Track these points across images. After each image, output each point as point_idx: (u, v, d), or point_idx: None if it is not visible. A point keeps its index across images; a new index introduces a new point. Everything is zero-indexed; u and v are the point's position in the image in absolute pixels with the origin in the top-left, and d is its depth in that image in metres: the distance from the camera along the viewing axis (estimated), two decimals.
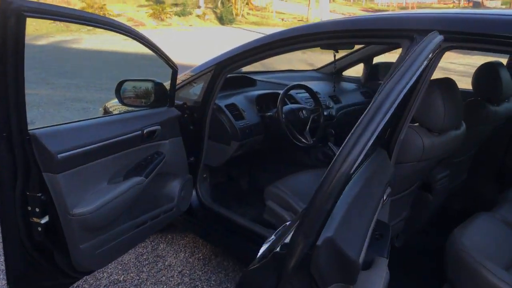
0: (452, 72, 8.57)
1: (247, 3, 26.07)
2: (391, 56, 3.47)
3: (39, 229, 1.59)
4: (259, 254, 1.02)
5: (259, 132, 2.63)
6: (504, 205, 2.19)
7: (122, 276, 2.49)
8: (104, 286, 2.39)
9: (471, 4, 37.97)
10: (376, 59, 3.47)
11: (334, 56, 2.98)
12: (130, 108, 2.31)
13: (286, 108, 2.64)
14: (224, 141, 2.51)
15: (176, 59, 2.37)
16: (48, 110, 6.11)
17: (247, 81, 2.94)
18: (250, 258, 2.24)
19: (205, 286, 2.42)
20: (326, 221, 0.84)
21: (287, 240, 0.89)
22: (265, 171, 3.10)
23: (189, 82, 2.48)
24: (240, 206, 2.83)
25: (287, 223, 1.11)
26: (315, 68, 3.66)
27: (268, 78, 3.21)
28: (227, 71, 2.35)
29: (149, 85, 2.29)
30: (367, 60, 3.39)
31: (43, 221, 1.58)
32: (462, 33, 1.55)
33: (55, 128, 1.61)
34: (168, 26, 21.64)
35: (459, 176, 2.63)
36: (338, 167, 0.80)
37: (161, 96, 2.25)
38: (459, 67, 9.72)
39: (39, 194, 1.55)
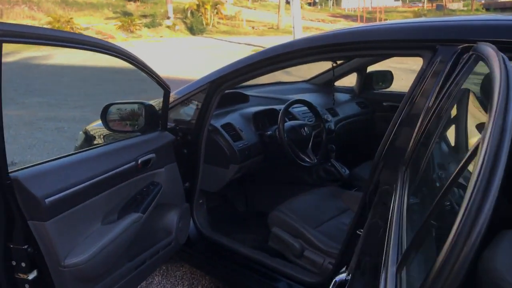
0: None
1: (217, 13, 25.92)
2: (384, 65, 3.37)
3: (27, 286, 1.36)
4: None
5: (258, 153, 2.45)
6: None
7: None
8: None
9: (434, 7, 39.01)
10: (370, 68, 3.35)
11: (333, 66, 2.84)
12: (117, 133, 2.12)
13: (286, 125, 2.48)
14: (222, 164, 2.32)
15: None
16: (19, 132, 5.77)
17: (240, 97, 2.76)
18: None
19: None
20: None
21: None
22: (262, 192, 2.92)
23: (181, 102, 2.28)
24: (239, 232, 2.64)
25: None
26: (305, 79, 3.51)
27: (259, 93, 3.04)
28: (222, 89, 2.17)
29: (138, 107, 2.09)
30: (360, 69, 3.27)
31: (30, 276, 1.36)
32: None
33: (39, 168, 1.39)
34: (138, 38, 21.27)
35: None
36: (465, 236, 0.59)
37: (152, 119, 2.05)
38: None
39: (25, 246, 1.33)
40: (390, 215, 1.11)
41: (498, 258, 1.69)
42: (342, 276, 1.07)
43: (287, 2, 31.34)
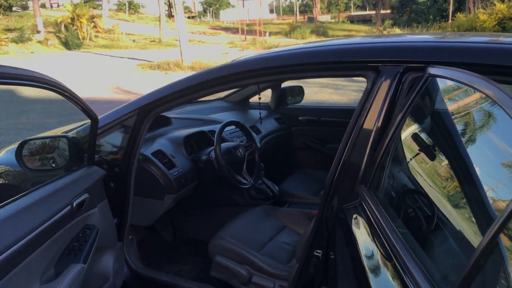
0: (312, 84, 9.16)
1: (94, 26, 24.62)
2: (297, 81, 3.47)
3: None
4: None
5: (193, 179, 2.34)
6: None
7: None
8: None
9: (306, 19, 41.79)
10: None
11: (258, 87, 2.83)
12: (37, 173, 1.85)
13: (222, 148, 2.39)
14: (156, 195, 2.17)
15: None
16: None
17: (162, 120, 2.61)
18: None
19: None
20: None
21: None
22: (190, 218, 2.79)
23: (104, 132, 2.08)
24: (172, 263, 2.50)
25: None
26: (220, 97, 3.46)
27: (178, 114, 2.92)
28: (152, 116, 2.03)
29: (60, 140, 1.86)
30: (275, 85, 3.32)
31: None
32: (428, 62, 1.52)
33: None
34: (5, 55, 19.28)
35: None
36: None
37: (77, 153, 1.83)
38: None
39: None
40: (385, 241, 1.11)
41: None
42: None
43: (168, 15, 31.02)
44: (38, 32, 23.63)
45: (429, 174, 1.36)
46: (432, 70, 1.31)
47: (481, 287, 0.78)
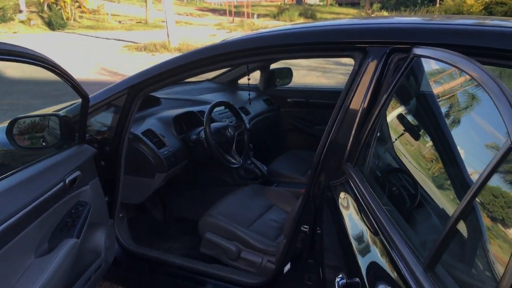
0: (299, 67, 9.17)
1: (78, 6, 24.11)
2: (286, 62, 3.50)
3: None
4: None
5: (183, 158, 2.37)
6: None
7: None
8: None
9: (294, 1, 41.43)
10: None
11: (247, 67, 2.85)
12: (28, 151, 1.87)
13: (212, 128, 2.42)
14: (147, 174, 2.19)
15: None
16: None
17: (152, 100, 2.63)
18: None
19: None
20: None
21: None
22: (180, 198, 2.83)
23: (95, 111, 2.09)
24: (163, 241, 2.54)
25: None
26: (208, 78, 3.47)
27: (167, 94, 2.93)
28: (142, 95, 2.04)
29: (51, 119, 1.87)
30: (264, 67, 3.34)
31: None
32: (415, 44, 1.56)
33: None
34: None
35: None
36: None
37: (68, 132, 1.85)
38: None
39: None
40: (370, 214, 1.16)
41: None
42: (342, 280, 1.08)
43: None
44: (21, 11, 23.06)
45: (412, 153, 1.41)
46: (417, 51, 1.36)
47: (453, 254, 0.84)
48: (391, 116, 1.52)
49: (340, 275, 1.10)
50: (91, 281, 1.79)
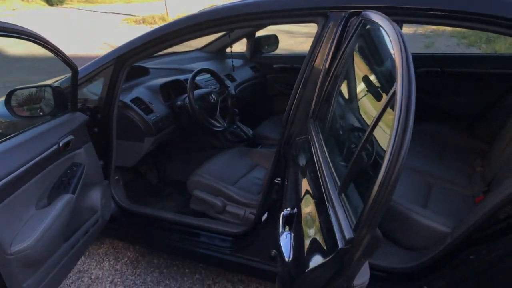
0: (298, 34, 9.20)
1: None
2: (270, 29, 3.63)
3: None
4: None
5: (170, 123, 2.55)
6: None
7: None
8: None
9: None
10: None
11: (229, 36, 2.98)
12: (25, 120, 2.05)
13: (196, 94, 2.59)
14: (136, 138, 2.38)
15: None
16: None
17: (140, 70, 2.79)
18: (184, 250, 2.21)
19: None
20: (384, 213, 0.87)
21: (349, 235, 0.92)
22: (172, 162, 3.03)
23: (86, 81, 2.26)
24: (157, 202, 2.75)
25: None
26: (197, 48, 3.61)
27: (156, 64, 3.09)
28: (128, 64, 2.20)
29: (45, 90, 2.04)
30: (250, 35, 3.47)
31: None
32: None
33: None
34: None
35: None
36: (394, 164, 0.83)
37: (61, 101, 2.02)
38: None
39: None
40: (315, 158, 1.35)
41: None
42: (286, 211, 1.28)
43: None
44: None
45: (360, 106, 1.57)
46: (365, 14, 1.50)
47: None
48: (344, 74, 1.67)
49: (287, 209, 1.30)
50: (89, 234, 2.01)
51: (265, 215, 2.02)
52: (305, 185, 1.39)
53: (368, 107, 1.27)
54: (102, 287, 2.37)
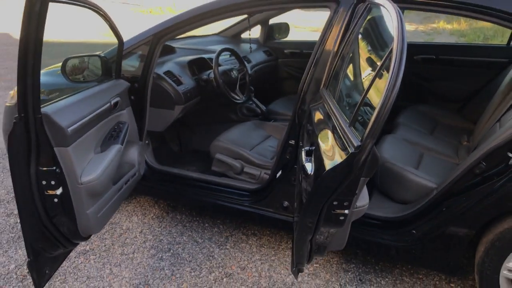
0: None
1: None
2: (283, 18, 3.97)
3: (56, 200, 1.70)
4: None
5: (196, 95, 2.89)
6: (399, 128, 2.88)
7: (88, 246, 2.60)
8: (74, 257, 2.49)
9: None
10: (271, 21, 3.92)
11: (248, 20, 3.32)
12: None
13: (220, 70, 2.94)
14: (168, 106, 2.72)
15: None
16: None
17: (168, 49, 3.13)
18: (207, 202, 2.54)
19: (169, 238, 2.68)
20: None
21: (358, 142, 1.27)
22: (193, 133, 3.37)
23: (127, 54, 2.59)
24: (180, 166, 3.08)
25: None
26: (216, 33, 3.96)
27: (181, 45, 3.42)
28: (163, 41, 2.54)
29: (94, 59, 2.38)
30: (264, 22, 3.82)
31: (58, 192, 1.69)
32: None
33: (61, 103, 1.71)
34: None
35: None
36: (390, 93, 1.17)
37: (107, 69, 2.37)
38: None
39: (54, 168, 1.66)
40: (328, 110, 1.70)
41: (384, 151, 2.44)
42: (307, 147, 1.63)
43: None
44: None
45: (355, 73, 1.91)
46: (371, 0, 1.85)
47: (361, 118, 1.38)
48: (352, 51, 2.00)
49: (307, 147, 1.65)
50: (129, 183, 2.35)
51: (279, 173, 2.37)
52: (321, 129, 1.74)
53: (369, 71, 1.62)
54: (133, 236, 2.72)
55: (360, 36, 1.96)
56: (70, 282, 2.31)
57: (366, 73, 1.66)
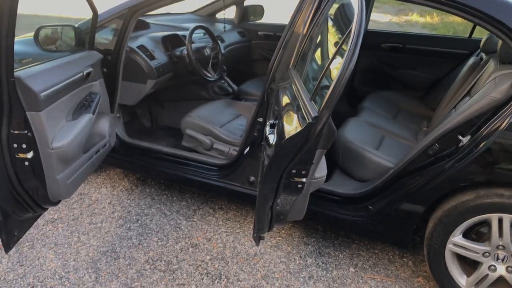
0: None
1: None
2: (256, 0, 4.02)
3: (26, 163, 1.74)
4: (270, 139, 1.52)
5: (169, 70, 2.93)
6: (362, 112, 3.01)
7: (56, 215, 2.64)
8: (43, 225, 2.53)
9: None
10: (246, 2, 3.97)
11: (223, 0, 3.37)
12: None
13: (193, 47, 2.98)
14: (140, 80, 2.75)
15: None
16: None
17: (142, 24, 3.15)
18: (176, 176, 2.61)
19: (137, 210, 2.75)
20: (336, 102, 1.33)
21: (315, 114, 1.37)
22: (164, 109, 3.41)
23: (101, 26, 2.60)
24: (150, 141, 3.13)
25: None
26: (190, 12, 3.98)
27: (155, 21, 3.44)
28: (137, 15, 2.57)
29: (68, 29, 2.39)
30: (239, 3, 3.86)
31: (29, 155, 1.73)
32: None
33: (34, 69, 1.74)
34: None
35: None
36: (346, 68, 1.27)
37: (80, 40, 2.38)
38: None
39: (25, 131, 1.69)
40: (295, 88, 1.79)
41: (347, 132, 2.56)
42: (271, 121, 1.73)
43: None
44: None
45: (318, 53, 2.01)
46: None
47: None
48: (319, 33, 2.09)
49: (271, 121, 1.74)
50: (99, 154, 2.39)
51: (247, 149, 2.46)
52: (286, 105, 1.83)
53: (332, 51, 1.72)
54: (101, 206, 2.77)
55: (327, 19, 2.05)
56: (38, 248, 2.35)
57: (329, 53, 1.76)
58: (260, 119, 2.35)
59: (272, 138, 1.64)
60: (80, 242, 2.42)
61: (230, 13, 4.09)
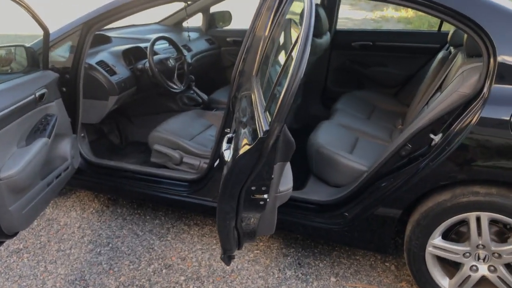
0: None
1: None
2: (224, 6, 3.94)
3: None
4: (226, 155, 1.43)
5: (132, 85, 2.82)
6: (336, 114, 2.94)
7: (22, 244, 2.51)
8: (7, 257, 2.40)
9: None
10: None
11: (186, 9, 3.27)
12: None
13: (155, 59, 2.88)
14: (102, 97, 2.64)
15: None
16: None
17: (103, 38, 3.04)
18: (146, 194, 2.50)
19: (108, 232, 2.63)
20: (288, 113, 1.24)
21: (266, 128, 1.28)
22: (133, 124, 3.30)
23: (56, 44, 2.49)
24: (119, 159, 3.02)
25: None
26: (156, 22, 3.88)
27: (118, 34, 3.33)
28: (94, 30, 2.46)
29: (20, 50, 2.27)
30: (204, 10, 3.77)
31: None
32: None
33: None
34: None
35: (296, 101, 3.31)
36: (295, 77, 1.18)
37: (33, 60, 2.27)
38: None
39: None
40: (253, 98, 1.71)
41: (319, 136, 2.48)
42: (230, 135, 1.63)
43: None
44: None
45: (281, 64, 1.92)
46: None
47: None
48: (277, 37, 2.00)
49: (229, 135, 1.65)
50: (60, 178, 2.27)
51: (217, 161, 2.36)
52: (243, 116, 1.74)
53: (285, 57, 1.64)
54: (70, 231, 2.64)
55: (284, 22, 1.97)
56: (1, 282, 2.22)
57: (283, 59, 1.68)
58: (228, 130, 2.26)
59: (227, 155, 1.54)
60: (47, 272, 2.30)
61: (198, 21, 4.00)
